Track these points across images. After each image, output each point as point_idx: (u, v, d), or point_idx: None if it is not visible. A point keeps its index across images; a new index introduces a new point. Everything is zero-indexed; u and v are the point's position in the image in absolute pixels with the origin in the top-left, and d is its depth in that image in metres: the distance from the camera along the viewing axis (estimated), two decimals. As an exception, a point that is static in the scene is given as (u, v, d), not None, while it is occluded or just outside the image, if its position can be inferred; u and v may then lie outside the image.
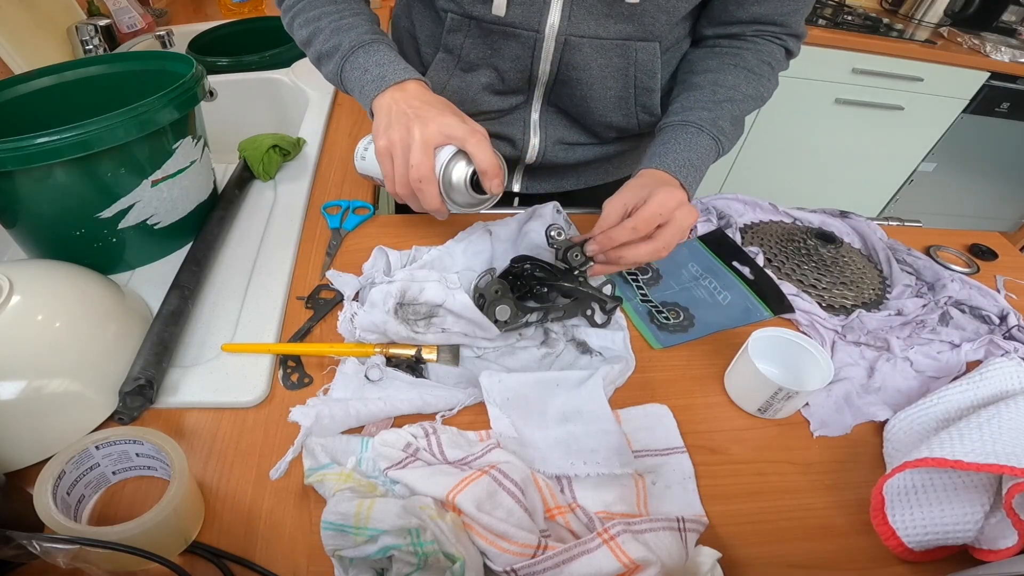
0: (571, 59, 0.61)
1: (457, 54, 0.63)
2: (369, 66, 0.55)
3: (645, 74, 0.63)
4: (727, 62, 0.62)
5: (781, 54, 0.64)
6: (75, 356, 0.43)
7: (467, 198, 0.52)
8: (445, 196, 0.51)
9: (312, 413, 0.42)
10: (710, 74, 0.62)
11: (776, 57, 0.64)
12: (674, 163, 0.56)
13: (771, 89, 0.65)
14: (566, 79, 0.63)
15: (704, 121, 0.58)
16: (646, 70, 0.63)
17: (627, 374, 0.50)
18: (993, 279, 0.67)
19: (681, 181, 0.55)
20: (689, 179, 0.56)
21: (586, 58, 0.61)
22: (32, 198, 0.51)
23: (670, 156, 0.56)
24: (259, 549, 0.37)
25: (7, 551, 0.31)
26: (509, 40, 0.60)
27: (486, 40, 0.61)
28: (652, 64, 0.63)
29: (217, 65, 1.03)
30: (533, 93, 0.66)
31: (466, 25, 0.60)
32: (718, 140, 0.59)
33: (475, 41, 0.62)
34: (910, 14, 1.96)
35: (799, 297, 0.59)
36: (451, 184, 0.51)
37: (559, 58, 0.61)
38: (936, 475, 0.38)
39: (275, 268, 0.59)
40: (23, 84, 0.59)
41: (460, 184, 0.51)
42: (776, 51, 0.64)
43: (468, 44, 0.62)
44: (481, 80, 0.65)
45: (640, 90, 0.65)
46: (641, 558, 0.34)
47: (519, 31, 0.59)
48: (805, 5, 0.62)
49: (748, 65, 0.62)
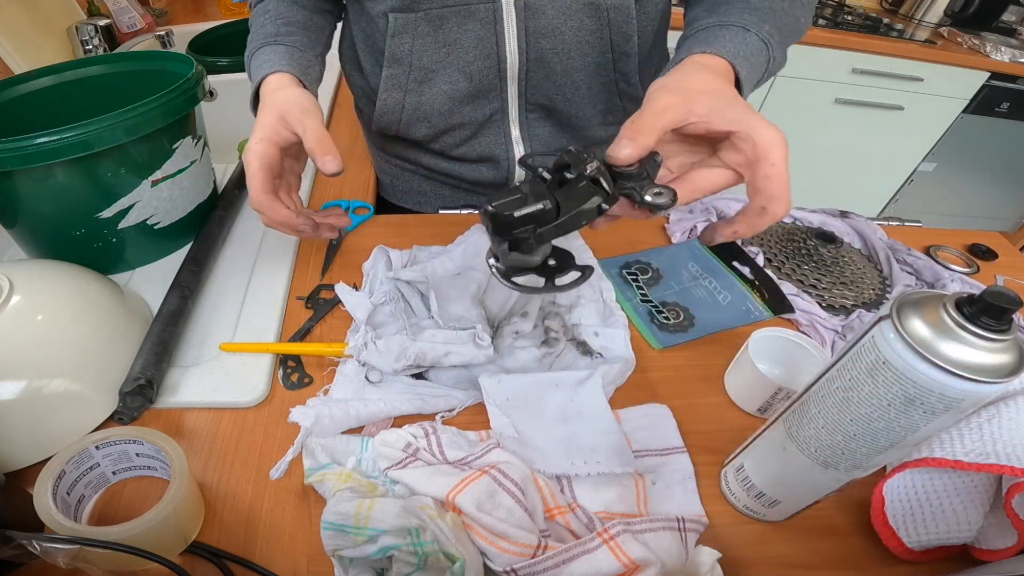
0: (537, 27, 0.54)
1: (407, 63, 0.57)
2: (252, 70, 0.54)
3: (620, 36, 0.56)
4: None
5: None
6: (75, 356, 0.43)
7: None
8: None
9: (312, 414, 0.42)
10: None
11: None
12: (726, 50, 0.41)
13: (808, 14, 0.51)
14: (539, 56, 0.57)
15: (749, 23, 0.44)
16: (620, 32, 0.56)
17: (627, 374, 0.50)
18: (993, 279, 0.67)
19: (736, 68, 0.41)
20: (743, 69, 0.41)
21: (553, 22, 0.54)
22: (32, 198, 0.51)
23: (717, 44, 0.42)
24: (259, 549, 0.37)
25: (7, 551, 0.31)
26: (465, 24, 0.54)
27: (438, 34, 0.55)
28: (627, 25, 0.55)
29: (217, 65, 1.03)
30: (507, 90, 0.60)
31: (412, 23, 0.54)
32: (767, 44, 0.44)
33: (425, 41, 0.55)
34: (910, 14, 1.96)
35: (799, 297, 0.58)
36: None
37: (524, 29, 0.54)
38: (936, 475, 0.38)
39: (275, 268, 0.59)
40: (23, 84, 0.59)
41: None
42: None
43: (418, 47, 0.56)
44: (443, 88, 0.59)
45: (618, 55, 0.58)
46: (641, 558, 0.34)
47: (474, 5, 0.52)
48: None
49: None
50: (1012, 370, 0.26)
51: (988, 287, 0.26)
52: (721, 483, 0.43)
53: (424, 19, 0.53)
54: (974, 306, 0.27)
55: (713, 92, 0.37)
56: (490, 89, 0.60)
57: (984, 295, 0.26)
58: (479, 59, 0.57)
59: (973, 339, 0.26)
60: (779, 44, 0.46)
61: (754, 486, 0.39)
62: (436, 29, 0.54)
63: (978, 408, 0.35)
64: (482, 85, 0.59)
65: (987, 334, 0.26)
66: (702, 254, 0.64)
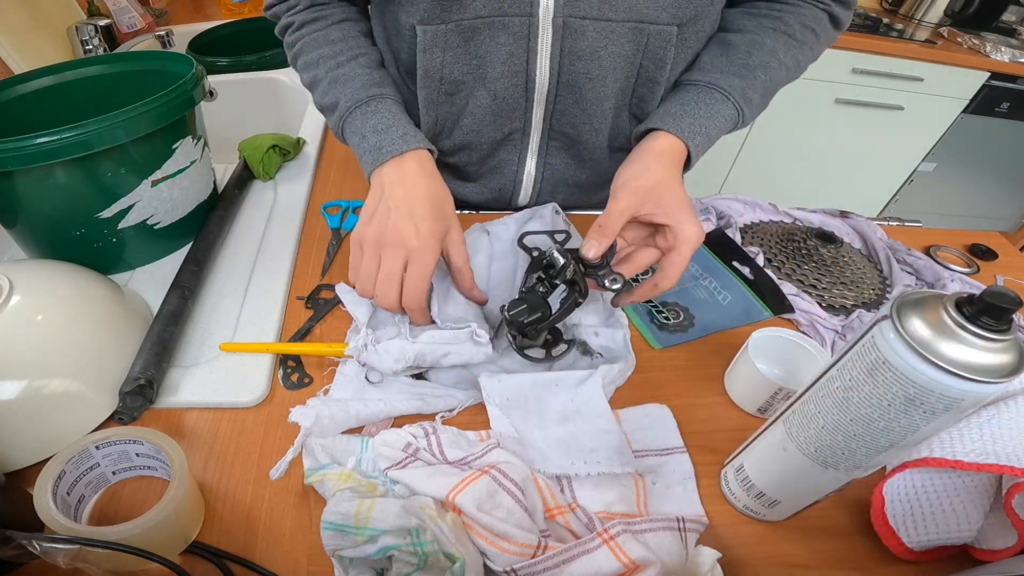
0: (575, 48, 0.53)
1: (438, 75, 0.55)
2: (366, 132, 0.51)
3: (653, 63, 0.55)
4: (766, 24, 0.55)
5: (826, 20, 0.57)
6: (75, 356, 0.43)
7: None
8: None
9: (312, 414, 0.42)
10: (747, 34, 0.55)
11: (821, 23, 0.56)
12: (689, 128, 0.51)
13: (811, 60, 0.58)
14: (571, 80, 0.55)
15: (733, 88, 0.52)
16: (655, 58, 0.54)
17: (627, 373, 0.50)
18: (993, 279, 0.67)
19: (691, 149, 0.51)
20: (699, 146, 0.51)
21: (592, 45, 0.53)
22: (32, 198, 0.51)
23: (687, 119, 0.51)
24: (259, 549, 0.37)
25: (7, 551, 0.31)
26: (498, 36, 0.52)
27: (468, 46, 0.53)
28: (664, 52, 0.54)
29: (217, 65, 1.03)
30: (532, 112, 0.58)
31: (442, 35, 0.52)
32: (741, 112, 0.53)
33: (456, 53, 0.54)
34: (910, 14, 1.96)
35: (799, 297, 0.58)
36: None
37: (560, 50, 0.53)
38: (936, 475, 0.38)
39: (275, 268, 0.59)
40: (23, 84, 0.59)
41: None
42: (820, 16, 0.56)
43: (448, 59, 0.54)
44: (467, 102, 0.58)
45: (642, 80, 0.56)
46: (641, 558, 0.34)
47: (508, 19, 0.51)
48: None
49: (789, 30, 0.54)
50: (1012, 370, 0.26)
51: (988, 287, 0.26)
52: (721, 483, 0.43)
53: (455, 30, 0.52)
54: (974, 306, 0.27)
55: (661, 188, 0.48)
56: (514, 109, 0.58)
57: (984, 295, 0.26)
58: (506, 75, 0.55)
59: (973, 339, 0.26)
60: (760, 104, 0.56)
61: (754, 486, 0.39)
62: (467, 41, 0.53)
63: (978, 408, 0.35)
64: (506, 104, 0.58)
65: (987, 334, 0.26)
66: (702, 254, 0.64)
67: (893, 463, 0.37)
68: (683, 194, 0.48)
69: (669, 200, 0.47)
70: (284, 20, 0.59)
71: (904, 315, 0.28)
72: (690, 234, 0.46)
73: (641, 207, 0.47)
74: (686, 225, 0.46)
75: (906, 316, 0.28)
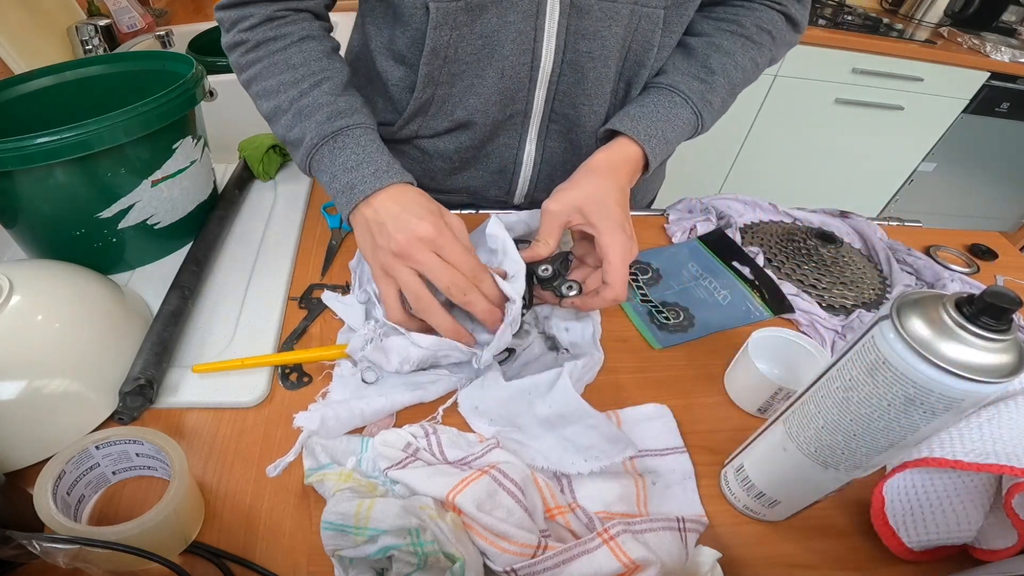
0: (580, 27, 0.53)
1: (443, 55, 0.54)
2: (335, 171, 0.49)
3: (641, 45, 0.56)
4: (723, 28, 0.57)
5: (781, 21, 0.59)
6: (75, 356, 0.43)
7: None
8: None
9: (317, 417, 0.42)
10: (706, 38, 0.57)
11: (776, 25, 0.58)
12: (646, 132, 0.53)
13: (768, 62, 0.60)
14: (575, 60, 0.55)
15: (693, 93, 0.55)
16: (643, 40, 0.55)
17: (595, 369, 0.49)
18: (993, 279, 0.67)
19: (648, 153, 0.53)
20: (656, 151, 0.53)
21: (596, 25, 0.53)
22: (32, 198, 0.51)
23: (644, 121, 0.53)
24: (259, 549, 0.37)
25: (7, 551, 0.31)
26: (506, 15, 0.52)
27: (475, 24, 0.53)
28: (651, 35, 0.55)
29: (217, 65, 1.03)
30: (534, 94, 0.58)
31: (452, 13, 0.51)
32: (700, 117, 0.55)
33: (462, 32, 0.53)
34: (910, 14, 1.96)
35: (799, 297, 0.59)
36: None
37: (566, 28, 0.53)
38: (936, 475, 0.38)
39: (275, 268, 0.59)
40: (23, 84, 0.59)
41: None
42: (776, 18, 0.58)
43: (455, 38, 0.53)
44: (473, 83, 0.57)
45: (629, 64, 0.57)
46: (641, 558, 0.34)
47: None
48: None
49: (746, 32, 0.57)
50: (1012, 370, 0.26)
51: (988, 287, 0.26)
52: (721, 483, 0.43)
53: (464, 9, 0.51)
54: (974, 306, 0.27)
55: (592, 199, 0.49)
56: (518, 89, 0.58)
57: (984, 295, 0.26)
58: (513, 54, 0.54)
59: (973, 339, 0.26)
60: (720, 108, 0.58)
61: (754, 486, 0.39)
62: (475, 20, 0.52)
63: (978, 408, 0.35)
64: (512, 83, 0.57)
65: (987, 334, 0.26)
66: (702, 254, 0.64)
67: (893, 463, 0.38)
68: (613, 205, 0.50)
69: (596, 211, 0.49)
70: (235, 35, 0.54)
71: (904, 315, 0.28)
72: (610, 243, 0.48)
73: (571, 216, 0.50)
74: (605, 235, 0.48)
75: (906, 316, 0.28)
